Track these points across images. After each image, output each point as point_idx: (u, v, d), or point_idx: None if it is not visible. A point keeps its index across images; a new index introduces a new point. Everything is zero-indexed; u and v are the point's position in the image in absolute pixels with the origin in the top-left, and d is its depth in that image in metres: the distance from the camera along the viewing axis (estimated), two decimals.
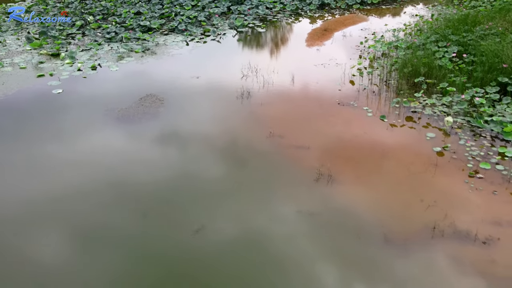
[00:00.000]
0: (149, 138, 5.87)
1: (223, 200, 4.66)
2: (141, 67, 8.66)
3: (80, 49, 9.73)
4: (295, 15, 12.97)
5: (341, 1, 13.68)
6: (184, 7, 12.66)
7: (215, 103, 7.00)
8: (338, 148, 5.55)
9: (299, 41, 10.30)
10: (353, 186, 4.84)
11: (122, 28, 10.88)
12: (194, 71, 8.32)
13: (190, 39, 10.54)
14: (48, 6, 13.61)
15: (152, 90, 7.40)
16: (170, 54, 9.41)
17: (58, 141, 5.84)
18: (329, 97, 7.05)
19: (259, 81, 7.76)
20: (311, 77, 8.00)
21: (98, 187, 4.90)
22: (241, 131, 6.09)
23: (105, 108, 6.70)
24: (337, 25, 11.58)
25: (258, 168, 5.20)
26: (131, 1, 13.72)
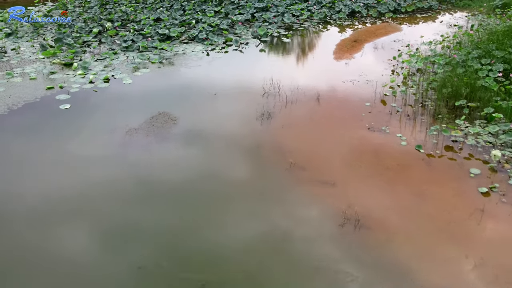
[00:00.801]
0: (155, 169, 5.38)
1: (230, 249, 4.11)
2: (156, 80, 8.22)
3: (94, 58, 9.36)
4: (323, 24, 12.37)
5: (373, 9, 13.00)
6: (207, 14, 12.21)
7: (231, 124, 6.47)
8: (367, 185, 4.94)
9: (326, 53, 9.70)
10: (384, 234, 4.22)
11: (139, 36, 10.49)
12: (212, 86, 7.82)
13: (211, 49, 10.06)
14: (67, 11, 13.36)
15: (166, 107, 6.92)
16: (188, 65, 8.94)
17: (52, 170, 5.39)
18: (358, 120, 6.43)
19: (281, 99, 7.20)
20: (338, 95, 7.40)
21: (92, 222, 4.42)
22: (259, 161, 5.53)
23: (112, 129, 6.25)
24: (368, 36, 10.92)
25: (275, 211, 4.63)
26: (152, 7, 13.36)
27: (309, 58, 9.44)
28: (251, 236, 4.26)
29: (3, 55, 9.58)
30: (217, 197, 4.82)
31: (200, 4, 13.53)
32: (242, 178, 5.16)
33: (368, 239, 4.15)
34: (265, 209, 4.62)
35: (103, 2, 14.41)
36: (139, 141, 5.90)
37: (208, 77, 8.39)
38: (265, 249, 4.09)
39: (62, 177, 5.19)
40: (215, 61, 9.26)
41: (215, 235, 4.25)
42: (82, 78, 8.29)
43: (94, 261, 3.98)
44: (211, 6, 13.11)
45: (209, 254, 4.01)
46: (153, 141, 5.87)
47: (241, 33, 11.09)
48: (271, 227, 4.35)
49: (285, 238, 4.21)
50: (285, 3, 13.31)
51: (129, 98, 7.43)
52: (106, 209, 4.67)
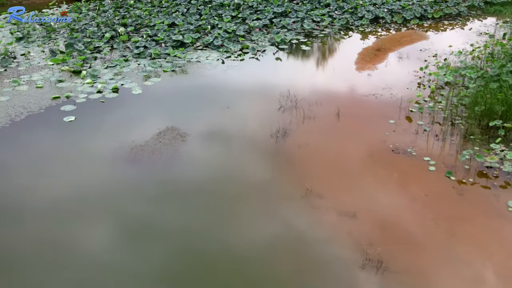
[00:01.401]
0: (159, 192, 5.00)
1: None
2: (167, 90, 7.87)
3: (104, 65, 9.06)
4: (345, 30, 11.89)
5: (397, 15, 12.46)
6: (223, 19, 11.84)
7: (244, 143, 6.06)
8: (391, 220, 4.47)
9: (347, 63, 9.23)
10: (410, 280, 3.75)
11: (153, 42, 10.17)
12: (225, 98, 7.44)
13: (226, 57, 9.68)
14: (81, 14, 13.15)
15: (175, 121, 6.56)
16: (201, 74, 8.58)
17: (49, 189, 5.06)
18: (381, 140, 5.96)
19: (298, 114, 6.77)
20: (360, 111, 6.94)
21: (86, 250, 4.06)
22: (272, 186, 5.11)
23: (116, 145, 5.90)
24: (392, 44, 10.41)
25: (287, 248, 4.20)
26: (167, 11, 13.06)
27: (329, 68, 8.98)
28: (257, 278, 3.84)
29: (11, 61, 9.36)
30: (223, 231, 4.41)
31: (217, 8, 13.18)
32: (252, 207, 4.74)
33: (390, 284, 3.69)
34: (276, 245, 4.20)
35: (117, 5, 14.18)
36: (143, 161, 5.53)
37: (221, 88, 8.01)
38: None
39: (55, 202, 4.85)
40: (230, 70, 8.88)
41: (220, 276, 3.85)
42: (90, 87, 7.99)
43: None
44: (228, 11, 12.75)
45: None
46: (158, 162, 5.50)
47: (258, 39, 10.68)
48: (280, 269, 3.92)
49: (296, 282, 3.78)
50: (305, 8, 12.87)
51: (137, 110, 7.08)
52: (99, 240, 4.30)
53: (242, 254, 4.09)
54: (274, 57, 9.74)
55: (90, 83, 8.11)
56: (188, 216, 4.59)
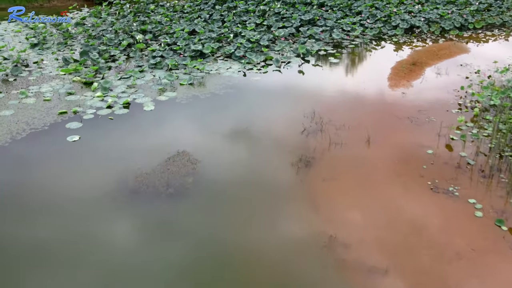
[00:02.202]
0: (162, 235, 4.45)
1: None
2: (181, 107, 7.35)
3: (118, 76, 8.62)
4: (377, 40, 11.19)
5: (435, 25, 11.68)
6: (247, 26, 11.29)
7: (261, 173, 5.48)
8: (431, 281, 3.80)
9: (380, 79, 8.54)
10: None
11: (170, 51, 9.69)
12: (244, 117, 6.90)
13: (248, 69, 9.13)
14: (100, 19, 12.81)
15: (187, 144, 6.03)
16: (220, 88, 8.04)
17: (33, 225, 4.57)
18: (417, 175, 5.29)
19: (324, 139, 6.15)
20: (393, 137, 6.27)
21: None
22: (290, 230, 4.50)
23: (119, 172, 5.40)
24: (429, 57, 9.66)
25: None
26: (189, 17, 12.60)
27: (359, 84, 8.30)
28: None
29: (22, 70, 9.02)
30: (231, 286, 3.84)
31: (241, 15, 12.66)
32: (264, 257, 4.14)
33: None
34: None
35: (138, 10, 13.81)
36: (147, 195, 5.00)
37: (240, 106, 7.47)
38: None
39: (47, 235, 4.36)
40: (251, 85, 8.32)
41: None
42: (100, 100, 7.55)
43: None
44: (253, 17, 12.21)
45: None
46: (163, 197, 4.95)
47: (283, 50, 10.09)
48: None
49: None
50: (334, 16, 12.21)
51: (147, 130, 6.58)
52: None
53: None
54: (299, 70, 9.13)
55: (100, 97, 7.67)
56: (186, 270, 4.03)
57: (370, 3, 13.03)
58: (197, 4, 14.32)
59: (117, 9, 14.32)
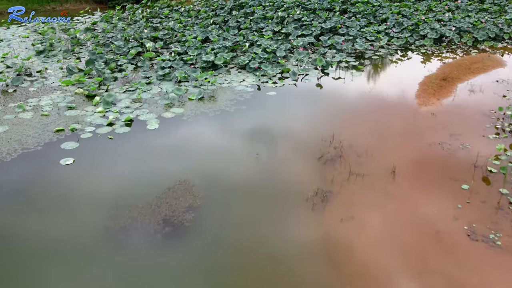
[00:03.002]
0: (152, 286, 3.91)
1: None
2: (188, 126, 6.82)
3: (123, 89, 8.14)
4: (403, 51, 10.50)
5: (467, 35, 10.93)
6: (264, 34, 10.72)
7: (273, 211, 4.89)
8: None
9: (406, 96, 7.87)
10: None
11: (181, 62, 9.18)
12: (256, 141, 6.33)
13: (263, 82, 8.56)
14: (111, 25, 12.39)
15: (190, 171, 5.50)
16: (231, 105, 7.49)
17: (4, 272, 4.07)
18: (452, 217, 4.64)
19: (343, 168, 5.54)
20: (422, 168, 5.62)
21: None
22: (304, 277, 3.90)
23: (112, 205, 4.87)
24: (461, 72, 8.95)
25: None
26: (204, 23, 12.09)
27: (383, 102, 7.64)
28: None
29: (24, 80, 8.62)
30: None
31: (259, 21, 12.10)
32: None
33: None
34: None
35: (151, 15, 13.37)
36: (140, 232, 4.47)
37: (252, 125, 6.91)
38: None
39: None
40: (265, 101, 7.74)
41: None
42: (101, 116, 7.08)
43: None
44: (271, 24, 11.64)
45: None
46: (158, 236, 4.41)
47: (302, 60, 9.49)
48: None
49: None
50: (358, 24, 11.55)
51: (147, 153, 6.06)
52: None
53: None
54: (317, 84, 8.53)
55: (102, 112, 7.20)
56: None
57: (396, 10, 12.34)
58: (213, 8, 13.83)
59: (130, 14, 13.92)
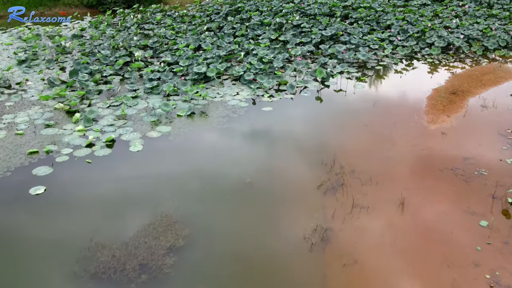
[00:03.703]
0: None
1: None
2: (174, 148, 6.29)
3: (107, 103, 7.61)
4: (408, 60, 9.98)
5: (476, 43, 10.40)
6: (260, 43, 10.18)
7: (265, 253, 4.35)
8: None
9: (413, 112, 7.33)
10: None
11: (170, 73, 8.64)
12: (248, 165, 5.78)
13: (259, 94, 8.03)
14: (99, 31, 11.85)
15: (173, 203, 4.96)
16: (223, 122, 6.96)
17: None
18: (471, 262, 4.10)
19: (345, 199, 5.01)
20: (434, 199, 5.08)
21: None
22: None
23: (82, 246, 4.32)
24: (472, 84, 8.42)
25: None
26: (197, 29, 11.55)
27: (389, 121, 7.07)
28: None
29: (0, 93, 8.07)
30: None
31: (256, 28, 11.56)
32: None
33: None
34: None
35: (142, 21, 12.84)
36: (112, 280, 3.92)
37: (244, 146, 6.38)
38: None
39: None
40: (260, 118, 7.21)
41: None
42: (81, 136, 6.55)
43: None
44: (268, 31, 11.09)
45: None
46: (133, 287, 3.85)
47: (300, 73, 8.96)
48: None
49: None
50: (360, 31, 11.02)
51: (127, 181, 5.52)
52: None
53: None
54: (317, 97, 8.00)
55: (82, 131, 6.66)
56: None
57: (401, 16, 11.80)
58: (208, 14, 13.29)
59: (120, 19, 13.39)
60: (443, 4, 13.82)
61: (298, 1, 14.15)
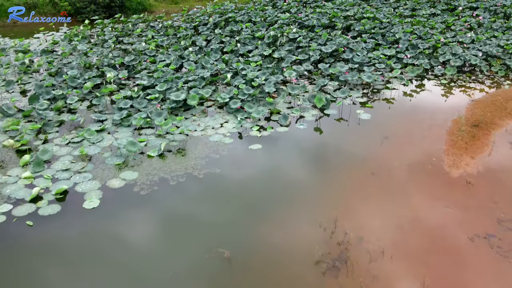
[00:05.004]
0: None
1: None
2: (138, 203, 5.21)
3: (66, 139, 6.54)
4: (419, 80, 8.92)
5: (496, 62, 9.33)
6: (250, 61, 9.11)
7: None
8: None
9: (430, 152, 6.25)
10: None
11: (145, 100, 7.56)
12: (227, 232, 4.69)
13: (247, 126, 6.97)
14: (70, 46, 10.75)
15: (129, 283, 3.85)
16: (202, 166, 5.87)
17: None
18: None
19: (351, 281, 3.93)
20: (466, 282, 3.98)
21: None
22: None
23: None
24: (495, 113, 7.36)
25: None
26: (181, 44, 10.48)
27: (401, 165, 5.96)
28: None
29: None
30: None
31: (247, 42, 10.49)
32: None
33: None
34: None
35: (121, 33, 11.76)
36: None
37: (223, 205, 5.27)
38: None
39: None
40: (246, 159, 6.15)
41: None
42: (27, 184, 5.48)
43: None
44: (261, 46, 10.01)
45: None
46: None
47: (296, 99, 7.89)
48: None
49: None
50: (364, 47, 9.95)
51: (73, 253, 4.43)
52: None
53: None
54: (315, 128, 6.95)
55: (29, 178, 5.59)
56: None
57: (409, 29, 10.74)
58: (194, 25, 12.22)
59: (98, 31, 12.32)
60: (455, 14, 12.75)
61: (295, 10, 13.10)
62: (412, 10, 13.57)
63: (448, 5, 13.60)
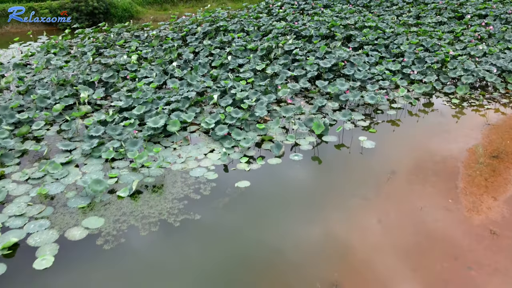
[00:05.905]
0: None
1: None
2: (100, 260, 4.43)
3: (26, 175, 5.74)
4: (427, 99, 8.15)
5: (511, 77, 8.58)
6: (241, 77, 8.31)
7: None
8: None
9: (445, 189, 5.47)
10: None
11: (120, 125, 6.77)
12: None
13: (233, 157, 6.18)
14: (43, 60, 9.95)
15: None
16: (179, 211, 5.08)
17: None
18: None
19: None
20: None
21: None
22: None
23: None
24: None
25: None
26: (165, 58, 9.68)
27: (411, 209, 5.19)
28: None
29: None
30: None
31: (238, 54, 9.70)
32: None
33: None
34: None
35: (103, 44, 10.97)
36: None
37: (204, 257, 4.48)
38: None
39: None
40: (231, 201, 5.35)
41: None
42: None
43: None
44: (254, 60, 9.21)
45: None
46: None
47: (290, 123, 7.11)
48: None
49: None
50: (366, 62, 9.18)
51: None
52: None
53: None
54: (313, 157, 6.17)
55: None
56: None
57: (414, 40, 9.95)
58: (182, 35, 11.43)
59: (78, 42, 11.53)
60: (463, 23, 11.97)
61: (291, 18, 12.33)
62: (416, 17, 12.82)
63: (455, 13, 12.82)
